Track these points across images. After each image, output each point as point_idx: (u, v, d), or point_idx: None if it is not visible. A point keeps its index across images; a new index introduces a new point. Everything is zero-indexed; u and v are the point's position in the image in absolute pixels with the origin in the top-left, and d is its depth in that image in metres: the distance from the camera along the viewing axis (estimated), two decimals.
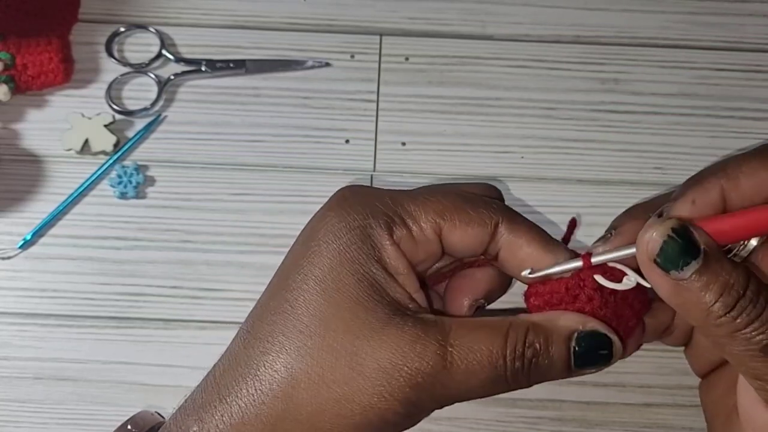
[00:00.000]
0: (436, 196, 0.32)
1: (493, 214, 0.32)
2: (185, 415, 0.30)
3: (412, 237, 0.31)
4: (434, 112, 0.54)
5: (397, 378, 0.29)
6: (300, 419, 0.29)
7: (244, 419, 0.29)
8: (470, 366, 0.29)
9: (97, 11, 0.55)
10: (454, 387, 0.29)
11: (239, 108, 0.54)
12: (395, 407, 0.29)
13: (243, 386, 0.29)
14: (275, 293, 0.31)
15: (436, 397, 0.30)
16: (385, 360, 0.29)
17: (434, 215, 0.31)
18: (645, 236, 0.28)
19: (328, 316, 0.29)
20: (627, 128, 0.54)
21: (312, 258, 0.31)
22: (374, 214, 0.31)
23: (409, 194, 0.32)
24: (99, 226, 0.51)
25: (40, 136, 0.53)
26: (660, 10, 0.56)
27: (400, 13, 0.56)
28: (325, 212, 0.32)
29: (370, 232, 0.31)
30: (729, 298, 0.27)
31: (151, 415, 0.38)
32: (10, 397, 0.48)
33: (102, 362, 0.49)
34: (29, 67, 0.52)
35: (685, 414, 0.48)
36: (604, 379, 0.49)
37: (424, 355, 0.29)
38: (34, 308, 0.50)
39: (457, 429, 0.48)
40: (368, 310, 0.29)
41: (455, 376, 0.29)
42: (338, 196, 0.33)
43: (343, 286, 0.30)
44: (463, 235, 0.31)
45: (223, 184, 0.52)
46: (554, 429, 0.48)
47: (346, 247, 0.30)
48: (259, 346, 0.30)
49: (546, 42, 0.55)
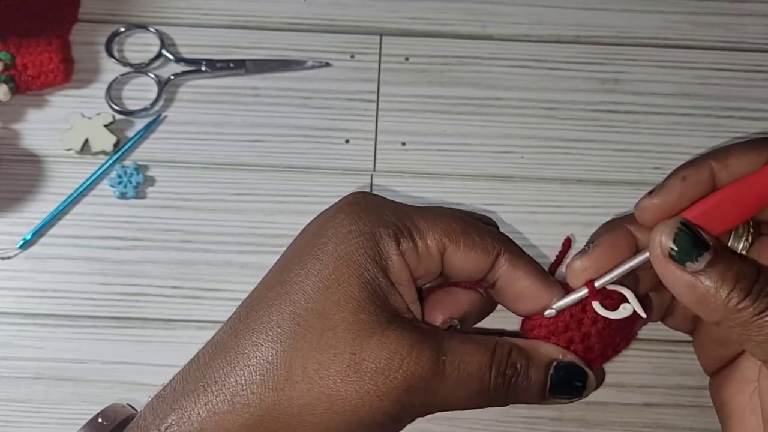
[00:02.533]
0: (446, 217, 0.33)
1: (497, 243, 0.33)
2: (163, 404, 0.30)
3: (417, 252, 0.32)
4: (434, 112, 0.54)
5: (393, 379, 0.29)
6: (290, 412, 0.29)
7: (231, 408, 0.29)
8: (461, 376, 0.30)
9: (97, 11, 0.55)
10: (443, 394, 0.30)
11: (239, 108, 0.54)
12: (386, 408, 0.29)
13: (232, 375, 0.29)
14: (272, 286, 0.31)
15: (425, 403, 0.30)
16: (383, 361, 0.29)
17: (442, 234, 0.32)
18: (656, 236, 0.29)
19: (329, 313, 0.30)
20: (627, 128, 0.54)
21: (317, 255, 0.31)
22: (385, 224, 0.32)
23: (420, 210, 0.33)
24: (99, 226, 0.51)
25: (40, 136, 0.53)
26: (660, 10, 0.56)
27: (400, 13, 0.56)
28: (336, 213, 0.32)
29: (379, 240, 0.31)
30: (745, 284, 0.28)
31: (122, 407, 0.38)
32: (10, 397, 0.48)
33: (102, 362, 0.49)
34: (29, 67, 0.52)
35: (685, 414, 0.48)
36: (605, 379, 0.49)
37: (420, 360, 0.29)
38: (34, 308, 0.50)
39: (457, 429, 0.48)
40: (369, 313, 0.30)
41: (446, 383, 0.30)
42: (350, 199, 0.33)
43: (347, 287, 0.30)
44: (464, 259, 0.32)
45: (223, 184, 0.52)
46: (554, 429, 0.48)
47: (354, 250, 0.31)
48: (251, 336, 0.30)
49: (546, 42, 0.55)
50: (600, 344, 0.33)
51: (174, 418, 0.29)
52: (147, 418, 0.30)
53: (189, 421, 0.29)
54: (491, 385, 0.30)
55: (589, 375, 0.32)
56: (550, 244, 0.51)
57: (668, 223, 0.29)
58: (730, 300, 0.28)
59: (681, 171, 0.31)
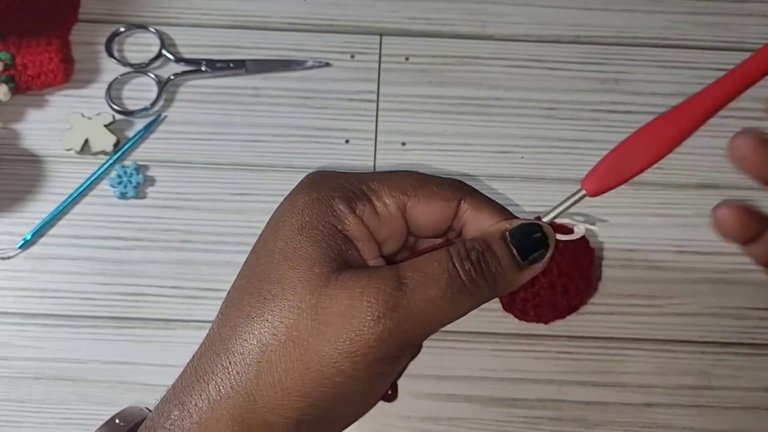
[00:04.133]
0: (401, 175, 0.33)
1: (456, 190, 0.33)
2: (167, 402, 0.31)
3: (376, 212, 0.32)
4: (434, 112, 0.54)
5: (359, 317, 0.29)
6: (272, 382, 0.29)
7: (221, 394, 0.29)
8: (425, 279, 0.29)
9: (97, 11, 0.55)
10: (417, 305, 0.29)
11: (239, 108, 0.54)
12: (364, 349, 0.29)
13: (218, 363, 0.30)
14: (244, 274, 0.32)
15: (404, 325, 0.29)
16: (344, 303, 0.29)
17: (397, 191, 0.32)
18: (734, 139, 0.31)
19: (287, 279, 0.30)
20: (627, 128, 0.53)
21: (277, 233, 0.32)
22: (338, 188, 0.32)
23: (375, 174, 0.33)
24: (99, 226, 0.51)
25: (40, 136, 0.53)
26: (660, 10, 0.56)
27: (400, 13, 0.56)
28: (293, 193, 0.33)
29: (332, 202, 0.31)
30: None
31: (140, 410, 0.39)
32: (10, 397, 0.48)
33: (102, 362, 0.49)
34: (29, 67, 0.52)
35: (685, 414, 0.48)
36: (604, 379, 0.49)
37: (378, 285, 0.29)
38: (34, 308, 0.50)
39: (457, 429, 0.48)
40: (323, 266, 0.30)
41: (414, 294, 0.29)
42: (306, 178, 0.34)
43: (301, 250, 0.30)
44: (426, 210, 0.32)
45: (223, 184, 0.52)
46: (554, 429, 0.48)
47: (308, 218, 0.31)
48: (229, 322, 0.31)
49: (546, 42, 0.55)
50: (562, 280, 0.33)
51: (176, 413, 0.30)
52: (154, 418, 0.31)
53: (189, 413, 0.30)
54: (461, 273, 0.30)
55: (542, 224, 0.32)
56: None
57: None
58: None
59: None
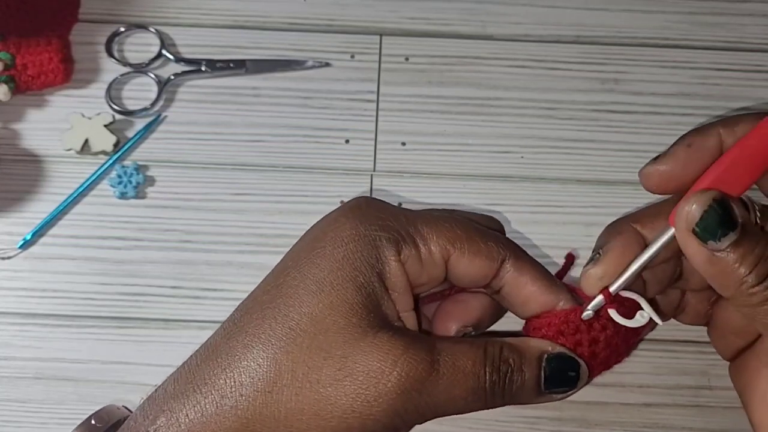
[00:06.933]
0: (450, 222, 0.32)
1: (501, 249, 0.32)
2: (153, 405, 0.30)
3: (420, 259, 0.31)
4: (434, 112, 0.54)
5: (385, 383, 0.28)
6: (277, 416, 0.29)
7: (218, 411, 0.29)
8: (456, 374, 0.29)
9: (97, 11, 0.55)
10: (439, 396, 0.29)
11: (239, 108, 0.54)
12: (377, 414, 0.29)
13: (222, 377, 0.29)
14: (269, 289, 0.31)
15: (419, 407, 0.29)
16: (375, 365, 0.28)
17: (445, 241, 0.31)
18: (685, 207, 0.29)
19: (321, 316, 0.29)
20: (627, 128, 0.54)
21: (315, 259, 0.30)
22: (386, 229, 0.31)
23: (423, 215, 0.33)
24: (99, 226, 0.51)
25: (40, 136, 0.53)
26: (660, 10, 0.56)
27: (400, 13, 0.56)
28: (337, 217, 0.32)
29: (378, 244, 0.31)
30: (762, 269, 0.28)
31: (117, 409, 0.38)
32: (10, 397, 0.48)
33: (102, 362, 0.49)
34: (29, 67, 0.52)
35: (684, 414, 0.48)
36: (604, 379, 0.49)
37: (414, 361, 0.29)
38: (34, 308, 0.50)
39: (457, 429, 0.48)
40: (361, 317, 0.29)
41: (441, 384, 0.29)
42: (353, 204, 0.33)
43: (341, 290, 0.30)
44: (469, 266, 0.32)
45: (223, 184, 0.52)
46: (554, 429, 0.48)
47: (352, 254, 0.30)
48: (243, 338, 0.30)
49: (546, 42, 0.55)
50: (606, 351, 0.32)
51: (163, 420, 0.29)
52: (137, 420, 0.30)
53: (177, 423, 0.29)
54: (487, 383, 0.30)
55: (581, 364, 0.32)
56: (550, 244, 0.51)
57: (700, 196, 0.28)
58: (743, 283, 0.28)
59: (687, 138, 0.30)
